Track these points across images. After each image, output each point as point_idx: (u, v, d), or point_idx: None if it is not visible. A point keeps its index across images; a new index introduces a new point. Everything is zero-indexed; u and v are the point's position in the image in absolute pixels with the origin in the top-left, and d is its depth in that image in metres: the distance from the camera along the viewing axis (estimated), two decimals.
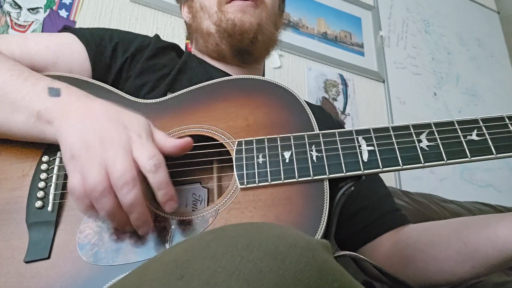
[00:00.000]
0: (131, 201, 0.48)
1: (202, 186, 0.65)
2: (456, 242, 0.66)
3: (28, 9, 1.32)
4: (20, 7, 1.31)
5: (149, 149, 0.51)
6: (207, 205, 0.64)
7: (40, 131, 0.56)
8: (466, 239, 0.65)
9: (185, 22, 0.97)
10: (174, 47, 0.91)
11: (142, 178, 0.50)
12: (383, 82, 1.96)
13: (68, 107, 0.55)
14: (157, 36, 0.89)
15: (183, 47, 0.96)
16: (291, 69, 1.75)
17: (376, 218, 0.81)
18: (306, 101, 0.71)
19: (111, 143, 0.50)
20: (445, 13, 2.37)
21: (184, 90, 0.69)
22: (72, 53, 0.75)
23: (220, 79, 0.69)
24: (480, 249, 0.62)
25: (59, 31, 0.82)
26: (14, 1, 1.31)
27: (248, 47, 0.85)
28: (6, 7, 1.29)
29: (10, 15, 1.29)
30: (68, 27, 0.81)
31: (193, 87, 0.69)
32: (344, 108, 1.79)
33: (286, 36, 1.76)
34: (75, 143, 0.50)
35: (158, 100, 0.68)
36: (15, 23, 1.28)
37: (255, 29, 0.83)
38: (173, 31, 1.52)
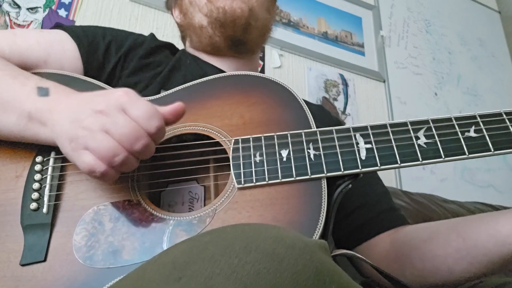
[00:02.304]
0: (144, 150, 0.51)
1: (199, 184, 0.65)
2: (455, 238, 0.65)
3: (27, 9, 1.32)
4: (19, 7, 1.31)
5: (144, 106, 0.52)
6: (204, 203, 0.63)
7: (33, 133, 0.56)
8: (465, 234, 0.64)
9: (177, 24, 0.96)
10: (169, 45, 0.90)
11: None
12: (384, 82, 1.96)
13: (57, 106, 0.55)
14: (152, 35, 0.88)
15: (181, 47, 0.96)
16: (291, 69, 1.75)
17: (373, 216, 0.80)
18: (305, 100, 0.70)
19: (103, 113, 0.51)
20: (446, 13, 2.37)
21: (178, 88, 0.68)
22: (64, 50, 0.74)
23: (215, 76, 0.68)
24: (480, 245, 0.61)
25: (50, 28, 0.80)
26: (13, 1, 1.30)
27: (242, 36, 0.83)
28: (5, 6, 1.29)
29: (9, 15, 1.29)
30: (59, 24, 0.80)
31: (188, 84, 0.68)
32: (345, 108, 1.79)
33: (287, 35, 1.76)
34: (70, 128, 0.51)
35: (151, 98, 0.67)
36: (14, 22, 1.28)
37: (246, 14, 0.81)
38: (173, 31, 1.51)
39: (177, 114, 0.55)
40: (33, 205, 0.55)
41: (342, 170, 0.55)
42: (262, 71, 1.63)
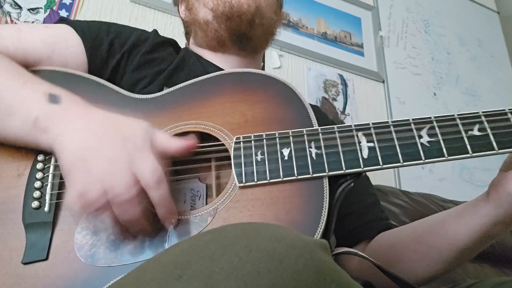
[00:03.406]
0: (129, 218, 0.49)
1: (201, 182, 0.65)
2: (412, 242, 0.68)
3: (28, 9, 1.32)
4: (20, 7, 1.31)
5: (150, 163, 0.50)
6: (206, 201, 0.63)
7: (34, 138, 0.55)
8: (420, 238, 0.67)
9: (182, 20, 0.96)
10: (172, 42, 0.90)
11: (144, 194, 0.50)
12: (383, 82, 1.96)
13: (66, 116, 0.54)
14: (155, 31, 0.88)
15: (182, 46, 0.96)
16: (291, 69, 1.75)
17: (359, 225, 0.81)
18: None
19: (110, 158, 0.49)
20: (445, 13, 2.37)
21: (181, 85, 0.68)
22: (68, 46, 0.74)
23: (217, 73, 0.68)
24: (433, 246, 0.65)
25: (55, 22, 0.80)
26: (14, 1, 1.31)
27: (247, 31, 0.84)
28: (7, 7, 1.29)
29: (10, 15, 1.29)
30: (64, 19, 0.80)
31: (190, 81, 0.68)
32: (344, 108, 1.79)
33: (286, 36, 1.76)
34: (72, 157, 0.50)
35: (154, 95, 0.67)
36: (15, 23, 1.28)
37: (253, 11, 0.82)
38: (173, 31, 1.52)
39: (189, 149, 0.55)
40: (35, 204, 0.55)
41: (344, 169, 0.55)
42: None
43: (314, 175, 0.55)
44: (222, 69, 0.85)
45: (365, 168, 0.55)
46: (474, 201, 0.62)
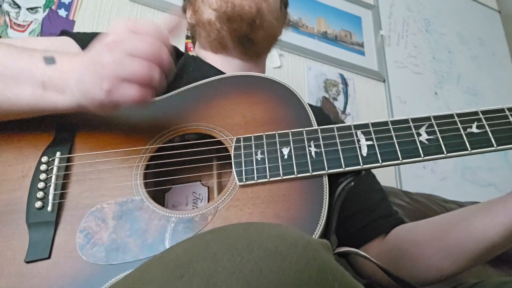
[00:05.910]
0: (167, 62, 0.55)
1: (202, 185, 0.65)
2: (436, 239, 0.68)
3: (27, 9, 1.32)
4: (19, 7, 1.31)
5: (149, 23, 0.54)
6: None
7: (51, 102, 0.57)
8: (445, 235, 0.67)
9: (189, 24, 0.98)
10: (173, 49, 0.91)
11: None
12: (384, 81, 1.96)
13: (68, 72, 0.56)
14: None
15: (182, 48, 0.96)
16: (291, 69, 1.75)
17: (369, 222, 0.81)
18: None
19: (117, 42, 0.53)
20: (446, 12, 2.37)
21: (182, 89, 0.69)
22: None
23: (218, 77, 0.69)
24: (459, 244, 0.64)
25: (58, 35, 0.82)
26: (13, 1, 1.30)
27: (248, 33, 0.85)
28: (5, 6, 1.29)
29: (9, 15, 1.29)
30: (66, 31, 0.82)
31: (191, 85, 0.69)
32: (345, 107, 1.79)
33: (286, 35, 1.75)
34: (94, 75, 0.53)
35: (155, 99, 0.68)
36: (14, 22, 1.28)
37: (254, 12, 0.84)
38: None
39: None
40: (38, 204, 0.56)
41: (344, 167, 0.55)
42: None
43: (314, 173, 0.55)
44: (223, 73, 0.86)
45: (365, 166, 0.55)
46: (503, 197, 0.62)
